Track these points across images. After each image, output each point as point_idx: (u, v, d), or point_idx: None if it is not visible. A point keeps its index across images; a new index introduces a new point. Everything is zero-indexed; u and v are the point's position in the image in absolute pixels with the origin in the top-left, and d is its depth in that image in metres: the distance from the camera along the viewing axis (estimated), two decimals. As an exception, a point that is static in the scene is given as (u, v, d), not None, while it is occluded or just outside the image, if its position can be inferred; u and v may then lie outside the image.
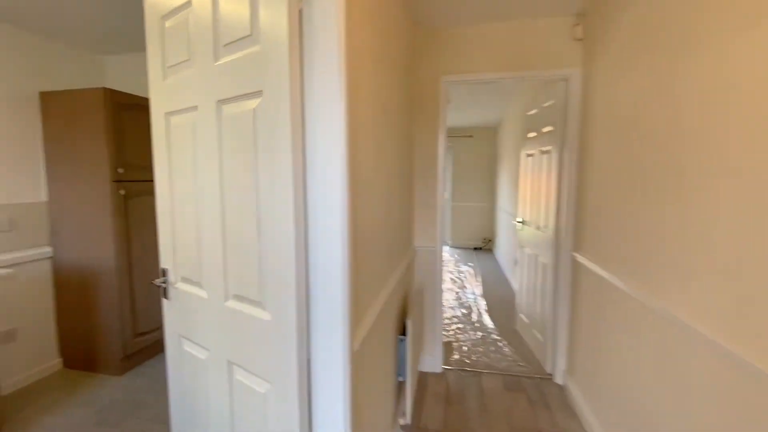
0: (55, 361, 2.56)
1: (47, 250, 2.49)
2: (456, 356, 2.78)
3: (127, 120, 2.45)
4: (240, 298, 1.11)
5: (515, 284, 4.26)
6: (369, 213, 1.27)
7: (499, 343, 3.00)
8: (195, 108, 1.17)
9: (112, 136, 2.35)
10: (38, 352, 2.47)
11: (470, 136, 6.66)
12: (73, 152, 2.41)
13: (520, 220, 3.17)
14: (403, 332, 1.93)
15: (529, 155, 3.02)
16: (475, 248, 6.79)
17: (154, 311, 2.69)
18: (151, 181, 2.64)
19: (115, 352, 2.48)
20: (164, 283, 1.36)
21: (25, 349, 2.39)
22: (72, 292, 2.51)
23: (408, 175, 2.25)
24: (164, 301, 1.39)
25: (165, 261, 1.37)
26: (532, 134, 2.94)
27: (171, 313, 1.38)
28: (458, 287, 4.49)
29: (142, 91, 2.83)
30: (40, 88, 2.46)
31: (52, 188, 2.48)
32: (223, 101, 1.08)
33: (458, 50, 2.39)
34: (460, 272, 5.17)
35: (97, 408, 2.15)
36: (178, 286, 1.33)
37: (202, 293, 1.23)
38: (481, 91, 4.04)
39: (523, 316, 3.09)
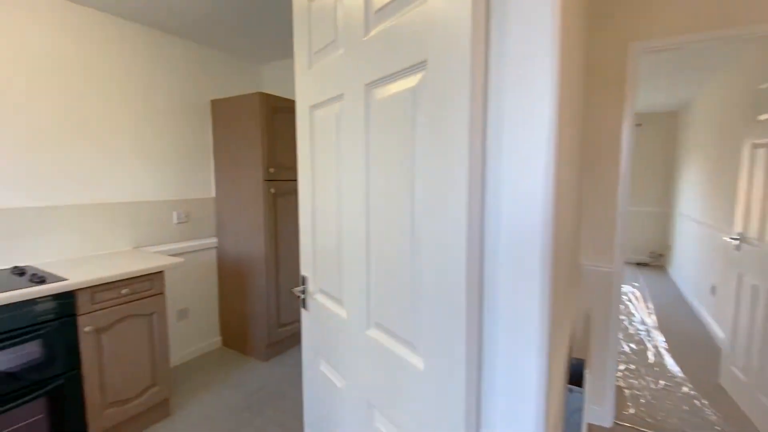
0: (216, 339, 2.89)
1: (214, 240, 2.81)
2: (632, 410, 2.14)
3: (278, 122, 2.57)
4: (384, 329, 0.88)
5: (712, 318, 3.20)
6: (562, 228, 0.90)
7: (696, 402, 2.21)
8: (340, 97, 0.98)
9: (265, 138, 2.49)
10: (204, 329, 2.81)
11: (639, 125, 5.41)
12: (234, 153, 2.64)
13: (737, 235, 2.28)
14: (576, 381, 1.48)
15: (759, 145, 2.12)
16: (640, 264, 5.52)
17: (296, 304, 2.81)
18: (297, 180, 2.74)
19: (261, 339, 2.65)
20: (303, 292, 1.24)
21: (194, 326, 2.74)
22: (231, 279, 2.79)
23: (578, 171, 1.75)
24: (303, 311, 1.28)
25: (305, 268, 1.26)
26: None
27: (309, 325, 1.26)
28: (622, 314, 3.62)
29: (290, 94, 2.97)
30: (211, 96, 2.78)
31: (219, 186, 2.79)
32: (372, 84, 0.86)
33: (652, 6, 1.76)
34: (621, 293, 4.20)
35: (245, 393, 2.29)
36: (317, 297, 1.19)
37: (342, 312, 1.05)
38: (663, 63, 3.11)
39: (736, 371, 2.22)
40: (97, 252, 2.18)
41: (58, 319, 1.59)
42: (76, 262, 1.97)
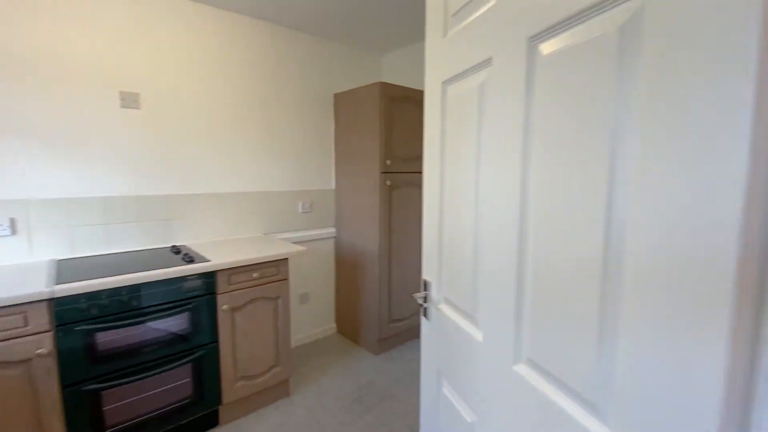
0: (331, 325, 2.99)
1: (332, 230, 2.89)
2: None
3: (396, 113, 2.47)
4: (542, 371, 0.65)
5: None
6: None
7: None
8: (486, 62, 0.78)
9: (383, 129, 2.41)
10: (321, 315, 2.93)
11: None
12: (353, 146, 2.64)
13: None
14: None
15: None
16: None
17: (408, 301, 2.71)
18: (413, 172, 2.62)
19: (373, 332, 2.63)
20: (425, 300, 1.08)
21: (312, 311, 2.87)
22: (346, 270, 2.83)
23: None
24: (423, 320, 1.12)
25: (428, 271, 1.09)
26: None
27: (429, 337, 1.10)
28: None
29: (410, 84, 2.85)
30: (334, 90, 2.83)
31: (338, 178, 2.84)
32: (540, 35, 0.63)
33: None
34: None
35: (357, 384, 2.28)
36: (441, 307, 1.02)
37: (475, 333, 0.86)
38: None
39: None
40: (233, 236, 2.41)
41: (202, 296, 1.76)
42: (216, 244, 2.19)
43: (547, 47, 0.62)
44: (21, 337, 1.33)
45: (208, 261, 1.79)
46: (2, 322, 1.30)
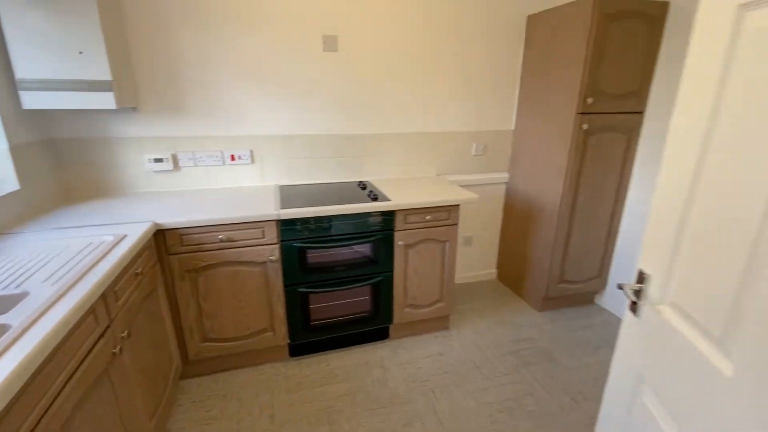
0: (491, 271, 2.96)
1: (505, 175, 2.70)
2: None
3: (612, 35, 1.95)
4: None
5: None
6: None
7: None
8: None
9: (589, 58, 1.96)
10: (483, 259, 2.91)
11: None
12: (544, 80, 2.27)
13: None
14: None
15: None
16: None
17: (587, 264, 2.42)
18: (624, 113, 2.12)
19: (538, 289, 2.49)
20: (637, 295, 0.89)
21: (475, 253, 2.87)
22: (515, 219, 2.66)
23: None
24: (627, 313, 0.95)
25: (649, 260, 0.88)
26: None
27: (634, 337, 0.93)
28: None
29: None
30: (529, 11, 2.40)
31: (520, 117, 2.54)
32: None
33: None
34: None
35: (515, 338, 2.26)
36: (662, 310, 0.83)
37: (721, 364, 0.66)
38: None
39: None
40: (409, 175, 2.51)
41: (382, 230, 1.94)
42: (394, 182, 2.33)
43: None
44: (260, 245, 1.76)
45: (389, 201, 1.92)
46: (251, 233, 1.73)
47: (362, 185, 2.23)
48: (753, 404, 0.58)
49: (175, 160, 2.06)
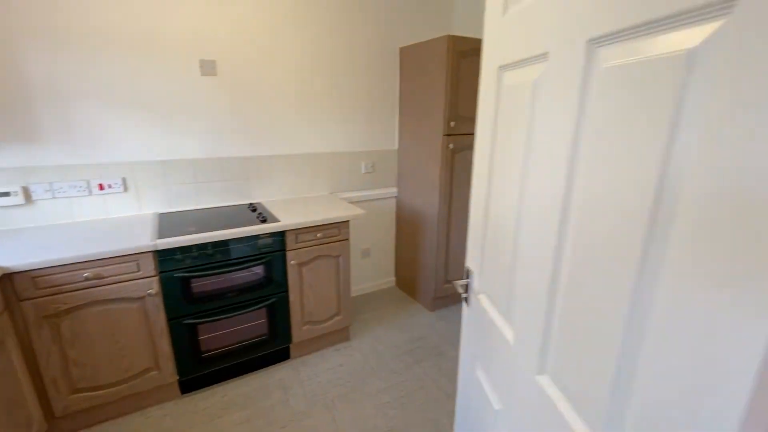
0: (390, 279, 3.17)
1: (394, 190, 2.94)
2: None
3: (465, 68, 2.31)
4: (565, 390, 0.66)
5: None
6: None
7: None
8: (543, 57, 0.70)
9: (449, 87, 2.29)
10: (382, 268, 3.10)
11: None
12: (418, 105, 2.56)
13: None
14: None
15: None
16: None
17: (463, 263, 2.74)
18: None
19: (428, 290, 2.74)
20: (465, 289, 1.10)
21: (374, 264, 3.04)
22: (406, 229, 2.91)
23: None
24: (464, 305, 1.16)
25: (471, 259, 1.10)
26: None
27: (468, 322, 1.14)
28: None
29: (481, 29, 2.60)
30: (401, 44, 2.70)
31: (401, 138, 2.81)
32: (598, 40, 0.55)
33: None
34: None
35: (410, 337, 2.45)
36: (480, 298, 1.04)
37: (507, 332, 0.87)
38: None
39: None
40: (302, 195, 2.58)
41: (274, 251, 1.98)
42: (287, 202, 2.38)
43: (604, 54, 0.54)
44: (135, 280, 1.66)
45: (279, 221, 1.97)
46: (123, 267, 1.62)
47: (252, 207, 2.23)
48: (520, 364, 0.79)
49: (26, 192, 1.83)
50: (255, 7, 2.16)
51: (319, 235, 2.09)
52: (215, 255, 1.83)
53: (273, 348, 2.12)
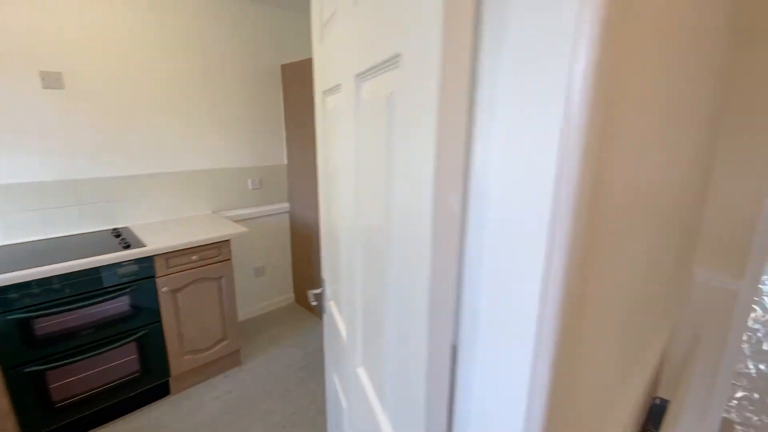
0: (289, 295, 3.12)
1: (286, 205, 2.93)
2: (742, 457, 1.69)
3: (340, 86, 2.42)
4: (371, 377, 0.75)
5: None
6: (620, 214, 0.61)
7: None
8: (338, 88, 0.80)
9: (326, 104, 2.38)
10: (279, 286, 3.04)
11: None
12: (302, 120, 2.61)
13: None
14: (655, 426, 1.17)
15: None
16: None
17: (357, 273, 2.83)
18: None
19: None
20: (318, 299, 1.16)
21: (270, 282, 2.97)
22: (301, 243, 2.91)
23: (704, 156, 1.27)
24: (324, 313, 1.22)
25: (323, 269, 1.17)
26: None
27: (326, 331, 1.20)
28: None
29: (359, 52, 2.77)
30: (282, 61, 2.73)
31: (290, 153, 2.83)
32: (362, 75, 0.65)
33: None
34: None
35: (305, 352, 2.44)
36: (331, 304, 1.11)
37: (343, 331, 0.95)
38: None
39: None
40: (181, 215, 2.43)
41: (140, 279, 1.82)
42: (161, 225, 2.22)
43: (366, 88, 0.65)
44: (-50, 328, 1.39)
45: (145, 246, 1.83)
46: (-73, 317, 1.35)
47: (117, 233, 2.03)
48: (348, 358, 0.86)
49: None
50: (109, 15, 2.01)
51: (194, 257, 1.99)
52: (64, 290, 1.62)
53: (148, 385, 1.94)
